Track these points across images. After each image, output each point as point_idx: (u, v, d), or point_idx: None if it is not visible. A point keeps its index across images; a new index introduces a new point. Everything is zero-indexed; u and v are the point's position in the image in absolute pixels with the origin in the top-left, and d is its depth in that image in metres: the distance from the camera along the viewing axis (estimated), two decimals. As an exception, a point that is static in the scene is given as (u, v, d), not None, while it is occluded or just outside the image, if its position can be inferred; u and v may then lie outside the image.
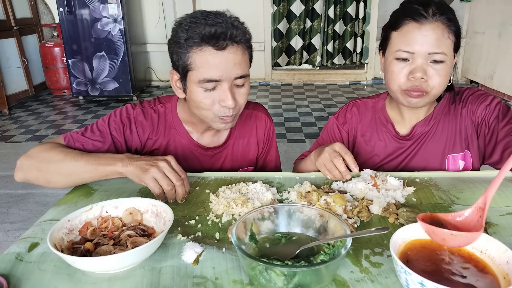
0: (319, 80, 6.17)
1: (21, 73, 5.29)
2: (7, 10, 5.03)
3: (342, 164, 1.09)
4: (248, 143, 1.33)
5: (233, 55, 1.03)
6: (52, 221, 0.95)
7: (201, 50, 1.01)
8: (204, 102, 1.07)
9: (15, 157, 3.85)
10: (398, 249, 0.72)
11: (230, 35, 1.01)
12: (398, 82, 1.13)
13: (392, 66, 1.13)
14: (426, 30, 1.07)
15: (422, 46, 1.08)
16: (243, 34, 1.05)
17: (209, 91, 1.05)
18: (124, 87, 5.16)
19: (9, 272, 0.78)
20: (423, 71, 1.09)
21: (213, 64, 1.01)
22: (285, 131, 4.08)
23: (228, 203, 0.98)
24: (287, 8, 5.82)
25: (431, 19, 1.07)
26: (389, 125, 1.29)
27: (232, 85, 1.06)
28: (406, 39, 1.09)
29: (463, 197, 1.03)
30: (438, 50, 1.07)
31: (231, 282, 0.74)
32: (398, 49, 1.11)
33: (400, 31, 1.11)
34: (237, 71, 1.04)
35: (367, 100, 1.36)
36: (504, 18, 4.75)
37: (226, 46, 1.01)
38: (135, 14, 5.34)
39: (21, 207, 2.72)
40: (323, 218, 0.80)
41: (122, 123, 1.19)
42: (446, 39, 1.08)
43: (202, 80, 1.03)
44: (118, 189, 1.11)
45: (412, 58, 1.10)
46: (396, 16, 1.13)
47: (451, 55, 1.10)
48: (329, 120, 1.40)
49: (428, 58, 1.08)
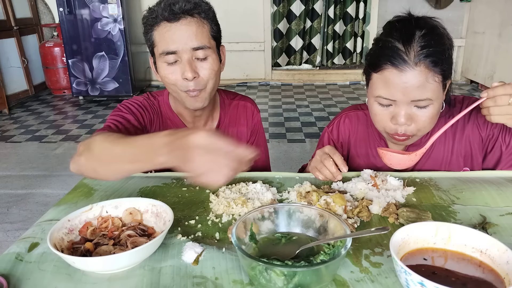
0: (319, 80, 6.16)
1: (21, 73, 5.29)
2: (7, 10, 5.03)
3: (332, 164, 1.07)
4: (237, 132, 1.37)
5: (186, 26, 1.07)
6: (52, 221, 0.95)
7: (159, 25, 1.09)
8: (169, 77, 1.12)
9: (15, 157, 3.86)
10: (398, 249, 0.72)
11: (179, 7, 1.06)
12: (382, 125, 1.09)
13: (375, 109, 1.08)
14: (407, 78, 0.97)
15: (403, 94, 0.99)
16: (197, 7, 1.09)
17: (172, 65, 1.11)
18: (124, 87, 5.16)
19: (9, 272, 0.78)
20: (406, 117, 1.03)
21: (168, 36, 1.08)
22: (285, 131, 4.08)
23: (228, 203, 0.98)
24: (287, 8, 5.82)
25: (412, 64, 0.97)
26: (382, 142, 1.25)
27: (193, 58, 1.11)
28: (387, 85, 1.01)
29: (463, 197, 1.03)
30: (422, 97, 0.99)
31: (231, 282, 0.74)
32: (379, 95, 1.04)
33: (380, 75, 1.02)
34: (192, 42, 1.08)
35: (358, 112, 1.31)
36: (504, 18, 4.75)
37: (179, 18, 1.07)
38: (135, 14, 5.34)
39: (21, 207, 2.72)
40: (323, 218, 0.80)
41: (138, 110, 1.23)
42: (430, 83, 0.99)
43: (162, 53, 1.09)
44: (118, 189, 1.11)
45: (395, 104, 1.03)
46: (376, 55, 1.04)
47: (438, 95, 1.02)
48: (323, 132, 1.37)
49: (411, 104, 1.01)
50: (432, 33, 1.00)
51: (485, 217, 0.93)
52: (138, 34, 5.48)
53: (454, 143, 1.20)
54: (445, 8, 5.55)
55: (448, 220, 0.93)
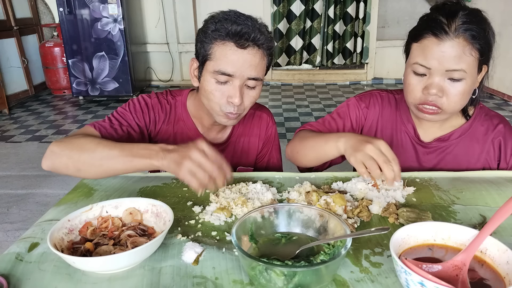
0: (319, 80, 6.16)
1: (21, 73, 5.28)
2: (7, 10, 5.03)
3: (391, 170, 0.91)
4: (249, 142, 1.35)
5: (252, 56, 1.07)
6: (52, 221, 0.95)
7: (224, 44, 1.06)
8: (213, 94, 1.11)
9: (15, 157, 3.85)
10: (398, 249, 0.72)
11: (253, 37, 1.06)
12: (414, 96, 1.10)
13: (409, 79, 1.10)
14: (445, 47, 1.01)
15: (439, 63, 1.03)
16: (266, 40, 1.09)
17: (221, 84, 1.09)
18: (124, 87, 5.15)
19: (9, 272, 0.78)
20: (438, 88, 1.05)
21: (231, 59, 1.06)
22: (285, 131, 4.08)
23: (228, 203, 0.98)
24: (287, 8, 5.82)
25: (452, 36, 1.01)
26: (410, 125, 1.24)
27: (243, 85, 1.10)
28: (424, 53, 1.04)
29: (463, 197, 1.03)
30: (457, 67, 1.02)
31: (231, 282, 0.74)
32: (416, 62, 1.07)
33: (420, 44, 1.06)
34: (251, 72, 1.08)
35: (390, 95, 1.30)
36: (504, 18, 4.75)
37: (248, 46, 1.06)
38: (135, 14, 5.34)
39: (21, 207, 2.72)
40: (323, 218, 0.80)
41: (141, 110, 1.23)
42: (467, 56, 1.02)
43: (217, 71, 1.07)
44: (118, 189, 1.11)
45: (429, 73, 1.05)
46: (419, 26, 1.08)
47: (472, 71, 1.05)
48: (350, 99, 1.32)
49: (445, 75, 1.04)
50: (475, 15, 1.04)
51: (485, 217, 0.93)
52: (138, 34, 5.49)
53: (477, 148, 1.21)
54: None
55: (448, 220, 0.93)
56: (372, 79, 6.09)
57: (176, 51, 5.83)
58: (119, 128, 1.16)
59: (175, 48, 5.81)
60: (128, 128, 1.18)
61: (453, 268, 0.68)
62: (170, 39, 5.80)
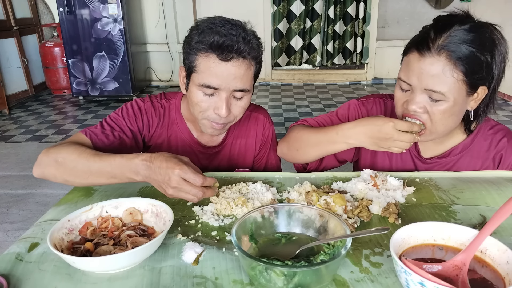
0: (319, 80, 6.16)
1: (21, 73, 5.28)
2: (7, 10, 5.03)
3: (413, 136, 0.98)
4: (246, 144, 1.34)
5: (236, 68, 1.04)
6: (52, 221, 0.95)
7: (207, 56, 1.04)
8: (200, 105, 1.10)
9: (15, 157, 3.85)
10: (398, 249, 0.73)
11: (237, 49, 1.02)
12: (397, 110, 1.09)
13: (395, 92, 1.09)
14: (425, 64, 0.96)
15: (418, 80, 0.98)
16: (251, 50, 1.05)
17: (207, 96, 1.08)
18: (124, 87, 5.15)
19: (9, 272, 0.78)
20: (418, 105, 1.00)
21: (215, 73, 1.04)
22: (285, 131, 4.08)
23: (228, 203, 0.98)
24: (287, 8, 5.82)
25: (434, 52, 0.95)
26: None
27: (230, 96, 1.08)
28: (407, 68, 1.01)
29: (463, 197, 1.03)
30: (435, 88, 0.96)
31: (231, 282, 0.74)
32: (399, 77, 1.05)
33: (406, 57, 1.03)
34: (237, 84, 1.06)
35: (387, 101, 1.26)
36: (504, 18, 4.75)
37: (231, 58, 1.03)
38: (135, 14, 5.34)
39: (21, 207, 2.72)
40: (323, 218, 0.80)
41: (134, 115, 1.22)
42: (447, 77, 0.95)
43: (202, 85, 1.06)
44: (118, 189, 1.10)
45: (411, 89, 1.02)
46: (413, 38, 1.04)
47: (456, 94, 0.97)
48: (352, 101, 1.28)
49: (426, 93, 0.99)
50: (474, 32, 0.95)
51: (485, 217, 0.93)
52: (138, 34, 5.49)
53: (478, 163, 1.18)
54: (445, 8, 5.55)
55: (448, 220, 0.93)
56: (372, 79, 6.09)
57: (176, 51, 5.83)
58: (110, 134, 1.15)
59: (175, 48, 5.81)
60: (120, 134, 1.17)
61: (453, 268, 0.69)
62: (170, 39, 5.80)
